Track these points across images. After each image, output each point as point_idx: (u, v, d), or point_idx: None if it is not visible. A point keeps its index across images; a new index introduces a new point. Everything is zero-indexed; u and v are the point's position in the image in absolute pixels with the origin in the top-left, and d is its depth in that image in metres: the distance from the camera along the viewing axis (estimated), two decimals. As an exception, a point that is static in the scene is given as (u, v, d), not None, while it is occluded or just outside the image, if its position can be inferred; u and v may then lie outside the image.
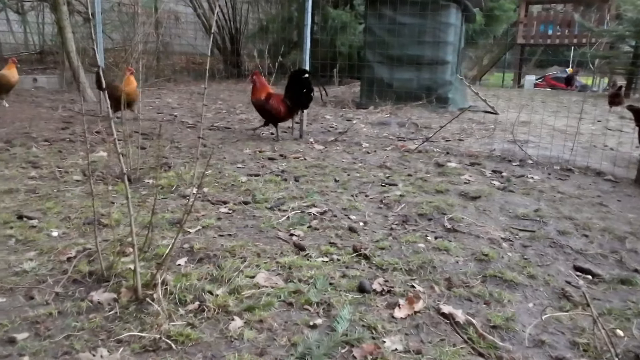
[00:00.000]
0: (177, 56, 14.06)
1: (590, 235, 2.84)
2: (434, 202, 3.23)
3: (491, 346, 1.71)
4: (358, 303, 1.97)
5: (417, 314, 1.90)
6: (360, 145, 5.19)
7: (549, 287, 2.20)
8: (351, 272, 2.23)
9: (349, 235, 2.71)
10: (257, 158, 4.44)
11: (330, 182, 3.75)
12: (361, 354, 1.62)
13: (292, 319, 1.84)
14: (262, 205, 3.13)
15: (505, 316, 1.88)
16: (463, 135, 6.03)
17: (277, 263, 2.29)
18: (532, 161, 4.68)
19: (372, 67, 8.33)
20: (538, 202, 3.44)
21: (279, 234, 2.67)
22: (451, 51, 8.07)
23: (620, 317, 1.97)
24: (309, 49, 5.26)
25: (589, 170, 4.46)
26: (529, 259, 2.51)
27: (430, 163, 4.49)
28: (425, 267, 2.31)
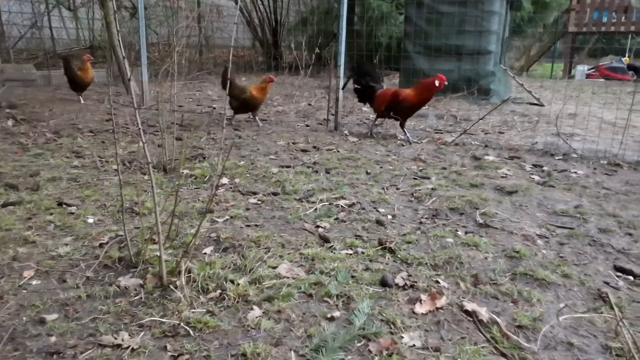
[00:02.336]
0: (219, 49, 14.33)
1: (635, 234, 2.67)
2: (467, 197, 3.13)
3: (515, 347, 1.64)
4: (379, 297, 1.94)
5: (439, 311, 1.85)
6: (395, 138, 5.10)
7: (584, 288, 2.08)
8: (375, 266, 2.20)
9: (375, 228, 2.67)
10: (290, 150, 4.45)
11: (361, 174, 3.71)
12: (377, 348, 1.59)
13: (310, 310, 1.83)
14: (291, 196, 3.14)
15: (532, 316, 1.80)
16: (504, 127, 5.81)
17: (301, 254, 2.29)
18: (577, 155, 4.45)
19: (411, 58, 8.16)
20: (580, 198, 3.27)
21: (305, 225, 2.67)
22: (494, 41, 7.77)
23: (661, 322, 1.84)
24: (344, 41, 5.20)
25: (639, 166, 4.19)
26: (565, 257, 2.39)
27: (467, 156, 4.35)
28: (452, 263, 2.24)
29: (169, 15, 11.58)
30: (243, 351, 1.56)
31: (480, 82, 7.73)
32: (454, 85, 7.56)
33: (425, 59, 8.04)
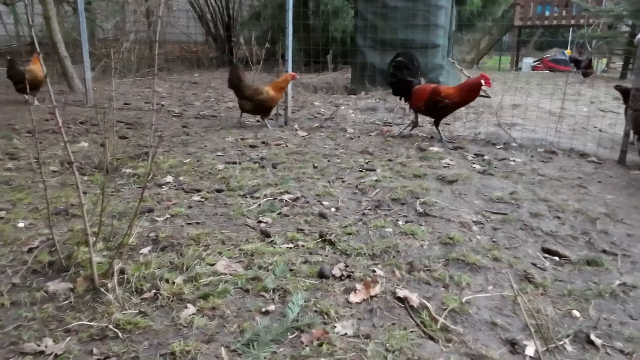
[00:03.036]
0: (171, 45, 13.99)
1: (563, 217, 2.82)
2: (409, 187, 3.20)
3: (442, 329, 1.71)
4: (315, 289, 1.96)
5: (372, 299, 1.89)
6: (345, 132, 5.15)
7: (512, 270, 2.18)
8: (314, 258, 2.23)
9: (318, 221, 2.70)
10: (239, 146, 4.41)
11: (308, 168, 3.73)
12: (309, 339, 1.61)
13: (246, 305, 1.83)
14: (236, 192, 3.12)
15: (460, 299, 1.87)
16: (450, 119, 5.97)
17: (241, 250, 2.28)
18: (517, 144, 4.64)
19: (362, 52, 8.24)
20: (516, 184, 3.41)
21: (247, 221, 2.66)
22: (442, 34, 7.96)
23: (580, 298, 1.95)
24: (291, 35, 5.19)
25: (573, 152, 4.42)
26: (498, 241, 2.50)
27: (413, 148, 4.46)
28: (389, 252, 2.30)
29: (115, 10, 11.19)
30: (172, 350, 1.55)
31: (430, 75, 7.90)
32: (404, 78, 7.70)
33: (376, 53, 8.13)
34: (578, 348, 1.64)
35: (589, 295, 1.97)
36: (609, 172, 3.89)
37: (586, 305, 1.90)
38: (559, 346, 1.64)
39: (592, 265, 2.25)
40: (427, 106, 4.72)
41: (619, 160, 4.17)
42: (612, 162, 4.17)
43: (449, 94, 4.59)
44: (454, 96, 4.58)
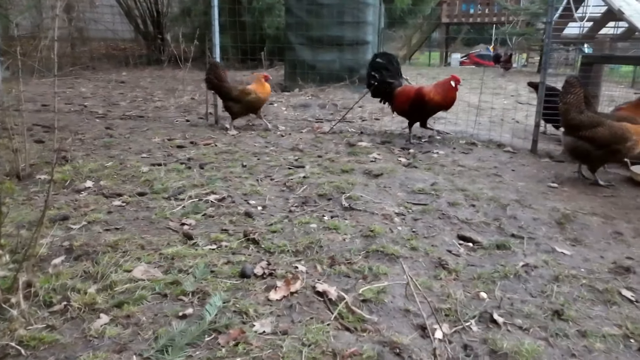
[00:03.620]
0: (96, 42, 13.30)
1: (477, 205, 2.99)
2: (336, 182, 3.26)
3: (359, 320, 1.76)
4: (236, 289, 1.96)
5: (293, 295, 1.92)
6: (277, 129, 5.15)
7: (428, 258, 2.29)
8: (237, 258, 2.22)
9: (243, 220, 2.69)
10: (166, 146, 4.29)
11: (237, 167, 3.69)
12: (226, 340, 1.61)
13: (163, 311, 1.80)
14: (160, 195, 3.04)
15: (377, 289, 1.94)
16: (380, 114, 6.13)
17: (161, 254, 2.23)
18: (440, 137, 4.85)
19: (294, 49, 8.25)
20: (437, 176, 3.57)
21: (170, 224, 2.60)
22: (371, 31, 8.14)
23: (488, 281, 2.08)
24: (218, 32, 5.09)
25: (491, 143, 4.69)
26: (417, 231, 2.61)
27: (342, 143, 4.54)
28: (313, 247, 2.33)
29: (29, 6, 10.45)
30: (80, 363, 1.49)
31: (361, 72, 8.05)
32: (336, 75, 7.82)
33: (308, 50, 8.18)
34: (482, 327, 1.75)
35: (495, 277, 2.10)
36: (522, 161, 4.17)
37: (493, 287, 2.03)
38: (466, 327, 1.74)
39: (501, 249, 2.41)
40: (413, 108, 4.62)
41: (532, 149, 4.47)
42: (526, 152, 4.47)
43: (434, 96, 4.50)
44: (438, 97, 4.50)
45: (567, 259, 2.32)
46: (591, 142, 3.44)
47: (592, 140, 3.43)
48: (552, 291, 1.98)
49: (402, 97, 4.68)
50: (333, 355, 1.55)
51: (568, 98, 3.55)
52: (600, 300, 1.94)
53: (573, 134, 3.55)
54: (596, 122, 3.45)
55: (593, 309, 1.88)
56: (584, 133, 3.46)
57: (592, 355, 1.60)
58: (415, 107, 4.59)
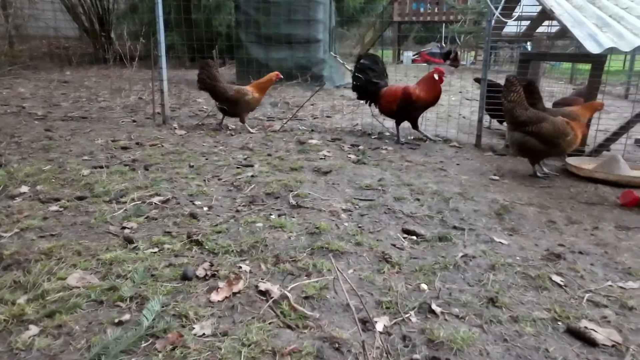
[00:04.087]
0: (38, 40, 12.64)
1: (422, 198, 3.06)
2: (284, 180, 3.26)
3: (300, 317, 1.76)
4: (177, 292, 1.91)
5: (235, 295, 1.89)
6: (227, 128, 5.08)
7: (372, 252, 2.32)
8: (179, 261, 2.17)
9: (188, 222, 2.63)
10: (109, 148, 4.14)
11: (184, 168, 3.61)
12: (163, 345, 1.57)
13: (98, 318, 1.73)
14: (100, 199, 2.93)
15: (320, 286, 1.95)
16: (332, 112, 6.18)
17: (98, 260, 2.15)
18: (390, 133, 4.93)
19: (246, 48, 8.18)
20: (385, 172, 3.63)
21: (110, 228, 2.51)
22: (322, 29, 8.18)
23: (429, 272, 2.14)
24: (162, 29, 4.97)
25: (437, 138, 4.81)
26: (363, 227, 2.64)
27: (292, 141, 4.53)
28: (257, 247, 2.31)
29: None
30: (4, 378, 1.41)
31: (313, 69, 8.10)
32: (288, 73, 7.79)
33: (259, 48, 8.13)
34: (421, 318, 1.79)
35: (436, 269, 2.16)
36: (467, 155, 4.31)
37: (433, 278, 2.08)
38: (405, 319, 1.78)
39: (443, 241, 2.48)
40: (400, 108, 4.58)
41: (476, 144, 4.63)
42: (470, 146, 4.63)
43: (420, 94, 4.50)
44: (425, 95, 4.51)
45: (504, 248, 2.42)
46: (537, 137, 3.57)
47: (537, 135, 3.56)
48: (488, 280, 2.06)
49: (389, 97, 4.64)
50: (273, 354, 1.55)
51: (512, 96, 3.67)
52: (533, 286, 2.03)
53: (520, 130, 3.67)
54: (541, 117, 3.61)
55: (525, 294, 1.96)
56: (530, 129, 3.58)
57: (522, 339, 1.67)
58: (403, 107, 4.55)
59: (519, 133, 3.66)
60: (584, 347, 1.64)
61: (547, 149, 3.59)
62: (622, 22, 2.81)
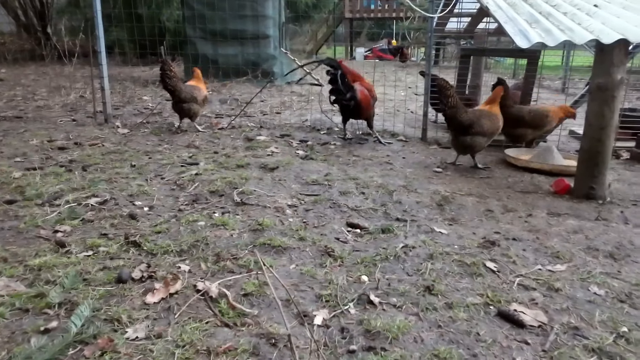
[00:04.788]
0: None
1: (367, 192, 3.10)
2: (229, 178, 3.21)
3: (239, 314, 1.74)
4: (110, 295, 1.84)
5: (172, 296, 1.85)
6: (172, 126, 4.95)
7: (315, 247, 2.33)
8: (114, 263, 2.09)
9: (126, 223, 2.54)
10: (45, 149, 3.94)
11: (125, 167, 3.49)
12: (92, 351, 1.51)
13: (22, 327, 1.64)
14: (32, 202, 2.78)
15: (259, 282, 1.93)
16: (282, 108, 6.15)
17: (26, 266, 2.04)
18: (338, 129, 4.96)
19: (194, 43, 8.01)
20: (332, 166, 3.65)
21: (41, 232, 2.39)
22: (272, 25, 8.12)
23: (370, 264, 2.16)
24: (101, 24, 4.75)
25: (386, 133, 4.89)
26: (308, 222, 2.64)
27: (240, 138, 4.48)
28: (198, 246, 2.27)
29: None
30: None
31: (263, 66, 8.03)
32: (237, 69, 7.69)
33: (208, 43, 7.97)
34: (360, 309, 1.81)
35: (377, 260, 2.19)
36: (413, 149, 4.40)
37: (374, 270, 2.11)
38: (344, 311, 1.79)
39: (386, 233, 2.51)
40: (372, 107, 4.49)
41: (422, 137, 4.74)
42: (417, 140, 4.73)
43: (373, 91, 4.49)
44: (374, 92, 4.52)
45: (443, 237, 2.48)
46: (483, 134, 3.66)
47: (483, 133, 3.65)
48: (426, 269, 2.11)
49: (366, 101, 4.39)
50: (207, 353, 1.52)
51: (450, 101, 3.67)
52: (468, 273, 2.10)
53: (466, 133, 3.66)
54: (478, 115, 3.70)
55: (461, 282, 2.03)
56: (475, 129, 3.65)
57: (455, 325, 1.72)
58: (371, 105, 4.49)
59: (468, 137, 3.65)
60: (513, 329, 1.71)
61: (486, 142, 3.72)
62: (550, 19, 2.95)
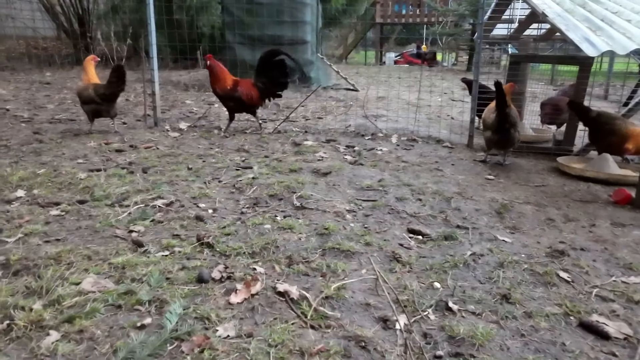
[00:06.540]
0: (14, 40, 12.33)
1: (423, 198, 3.12)
2: (286, 182, 3.27)
3: (322, 317, 1.78)
4: (194, 294, 1.91)
5: (254, 297, 1.90)
6: (220, 130, 5.05)
7: (382, 252, 2.36)
8: (192, 263, 2.16)
9: (195, 224, 2.62)
10: (103, 151, 4.08)
11: (182, 170, 3.59)
12: (190, 347, 1.57)
13: (118, 323, 1.72)
14: (102, 202, 2.89)
15: (337, 286, 1.98)
16: (323, 113, 6.21)
17: (110, 264, 2.12)
18: (383, 134, 4.99)
19: (233, 49, 8.14)
20: (383, 172, 3.68)
21: (116, 232, 2.48)
22: (309, 31, 8.21)
23: (440, 271, 2.18)
24: (154, 31, 4.91)
25: (430, 139, 4.90)
26: (369, 227, 2.67)
27: (288, 143, 4.54)
28: (269, 248, 2.32)
29: None
30: (33, 384, 1.39)
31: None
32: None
33: (247, 49, 8.09)
34: (439, 315, 1.83)
35: (446, 267, 2.21)
36: (460, 155, 4.39)
37: (445, 276, 2.13)
38: (424, 316, 1.82)
39: (449, 240, 2.53)
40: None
41: (468, 144, 4.72)
42: (462, 146, 4.71)
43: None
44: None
45: (508, 246, 2.48)
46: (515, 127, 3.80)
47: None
48: (498, 277, 2.11)
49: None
50: (301, 354, 1.56)
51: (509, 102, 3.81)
52: (541, 282, 2.09)
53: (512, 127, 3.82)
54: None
55: (535, 291, 2.02)
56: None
57: (539, 334, 1.72)
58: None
59: (511, 130, 3.84)
60: (598, 340, 1.71)
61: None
62: (614, 26, 2.92)
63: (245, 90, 4.83)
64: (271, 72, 4.88)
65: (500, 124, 3.76)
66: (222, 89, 4.85)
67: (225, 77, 4.87)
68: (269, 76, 4.88)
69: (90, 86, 4.54)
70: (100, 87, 4.51)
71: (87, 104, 4.57)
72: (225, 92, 4.84)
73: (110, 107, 4.58)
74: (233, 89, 4.83)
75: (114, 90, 4.49)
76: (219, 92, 4.88)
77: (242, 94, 4.81)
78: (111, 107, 4.58)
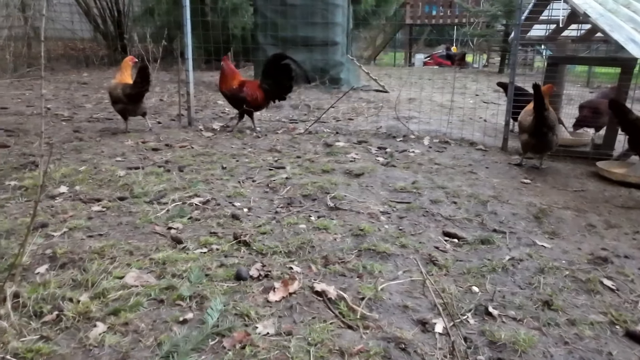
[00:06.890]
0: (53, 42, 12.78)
1: (458, 201, 3.08)
2: (319, 182, 3.28)
3: (360, 317, 1.79)
4: (233, 292, 1.94)
5: (291, 295, 1.92)
6: (252, 130, 5.11)
7: (419, 254, 2.34)
8: (230, 261, 2.20)
9: (231, 223, 2.66)
10: (140, 149, 4.18)
11: (217, 169, 3.65)
12: (231, 343, 1.60)
13: (161, 317, 1.76)
14: (141, 199, 2.96)
15: (375, 287, 1.97)
16: (353, 114, 6.20)
17: (151, 260, 2.18)
18: (414, 136, 4.95)
19: (264, 50, 8.21)
20: (416, 174, 3.65)
21: (155, 228, 2.54)
22: (340, 32, 8.21)
23: (477, 275, 2.15)
24: (190, 32, 5.01)
25: (463, 142, 4.83)
26: (404, 229, 2.66)
27: (319, 144, 4.56)
28: (305, 248, 2.34)
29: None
30: (83, 373, 1.44)
31: (331, 72, 8.13)
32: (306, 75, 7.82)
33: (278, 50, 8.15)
34: (479, 320, 1.81)
35: (484, 271, 2.18)
36: (494, 158, 4.32)
37: (483, 281, 2.10)
38: (463, 320, 1.80)
39: (486, 244, 2.49)
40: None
41: (502, 147, 4.64)
42: (497, 149, 4.63)
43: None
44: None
45: (547, 251, 2.43)
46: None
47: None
48: (539, 282, 2.07)
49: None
50: (340, 354, 1.57)
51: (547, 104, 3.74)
52: (584, 289, 2.04)
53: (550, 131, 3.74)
54: None
55: (578, 298, 1.98)
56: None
57: (583, 342, 1.68)
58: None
59: (549, 133, 3.75)
60: (646, 350, 1.65)
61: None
62: (661, 27, 2.82)
63: (251, 91, 4.93)
64: (278, 75, 4.96)
65: (538, 127, 3.68)
66: (228, 88, 4.98)
67: (233, 77, 4.99)
68: (275, 79, 4.96)
69: (119, 85, 4.67)
70: (127, 87, 4.63)
71: (115, 103, 4.71)
72: (231, 91, 4.97)
73: (137, 107, 4.72)
74: (239, 89, 4.94)
75: (139, 90, 4.60)
76: (225, 92, 5.01)
77: (247, 94, 4.91)
78: (138, 106, 4.72)
